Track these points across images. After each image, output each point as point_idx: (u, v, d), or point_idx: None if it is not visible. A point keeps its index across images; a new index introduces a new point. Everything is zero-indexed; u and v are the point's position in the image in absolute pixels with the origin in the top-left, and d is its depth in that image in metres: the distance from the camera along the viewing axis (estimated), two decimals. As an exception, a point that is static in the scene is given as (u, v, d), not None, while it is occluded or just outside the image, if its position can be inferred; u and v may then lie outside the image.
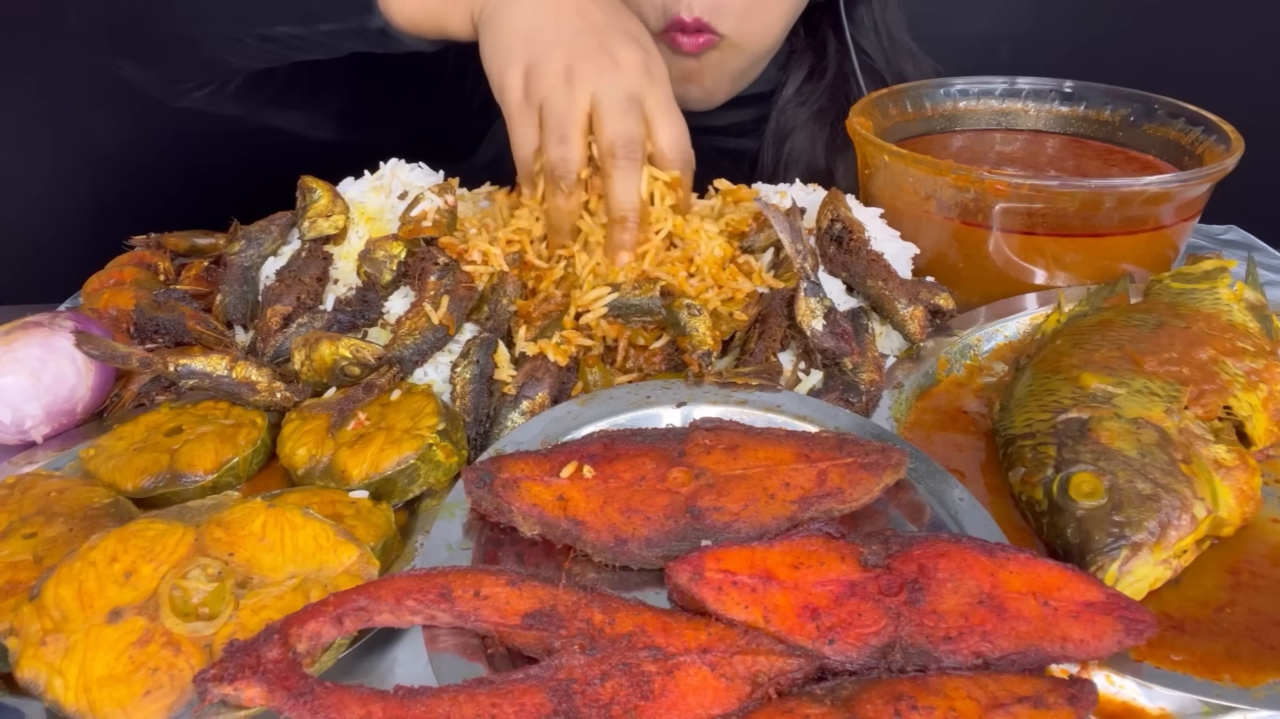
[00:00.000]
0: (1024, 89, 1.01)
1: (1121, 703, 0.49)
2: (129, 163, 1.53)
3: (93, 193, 1.56)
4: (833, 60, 1.14)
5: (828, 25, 1.14)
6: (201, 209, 1.03)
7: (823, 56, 1.15)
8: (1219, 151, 0.84)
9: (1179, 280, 0.78)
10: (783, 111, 1.15)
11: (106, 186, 1.54)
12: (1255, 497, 0.59)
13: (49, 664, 0.48)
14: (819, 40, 1.15)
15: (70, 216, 1.55)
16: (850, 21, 1.11)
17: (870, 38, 1.13)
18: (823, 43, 1.15)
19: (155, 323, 0.78)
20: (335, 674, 0.50)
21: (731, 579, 0.50)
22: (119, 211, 1.20)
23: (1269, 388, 0.66)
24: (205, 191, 1.29)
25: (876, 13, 1.13)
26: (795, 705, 0.44)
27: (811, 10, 1.10)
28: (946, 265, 0.86)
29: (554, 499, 0.55)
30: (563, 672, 0.45)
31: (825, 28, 1.14)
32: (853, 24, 1.11)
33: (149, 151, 1.51)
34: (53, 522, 0.59)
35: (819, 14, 1.13)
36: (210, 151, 1.44)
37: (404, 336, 0.72)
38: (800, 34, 1.15)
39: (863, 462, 0.57)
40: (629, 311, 0.73)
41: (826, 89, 1.14)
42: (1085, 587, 0.49)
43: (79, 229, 1.29)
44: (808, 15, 1.11)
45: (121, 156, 1.54)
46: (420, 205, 0.81)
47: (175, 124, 1.23)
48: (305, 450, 0.65)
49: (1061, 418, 0.62)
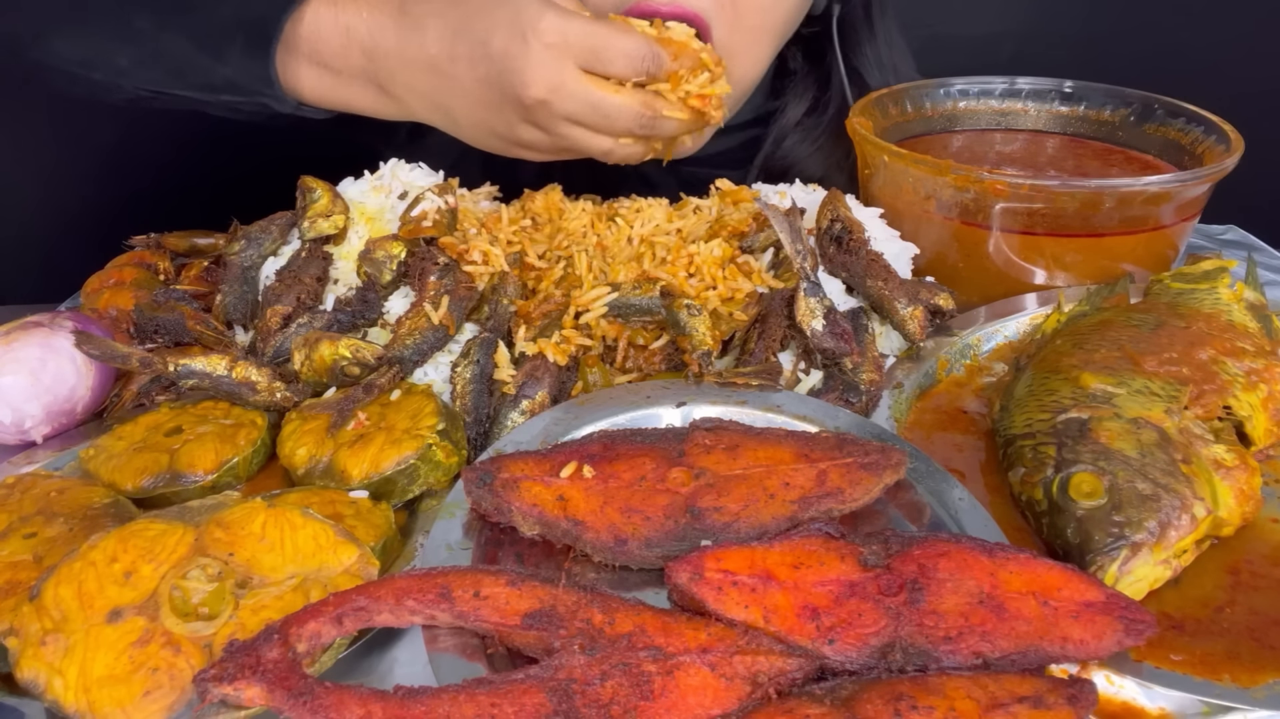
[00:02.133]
0: (1024, 89, 1.01)
1: (1121, 703, 0.49)
2: (129, 163, 1.53)
3: (93, 192, 1.56)
4: (837, 93, 1.07)
5: (833, 55, 1.07)
6: (201, 209, 1.03)
7: (826, 88, 1.08)
8: (1219, 151, 0.84)
9: (1179, 280, 0.78)
10: (780, 144, 1.08)
11: (106, 186, 1.54)
12: (1255, 496, 0.59)
13: (49, 664, 0.48)
14: (824, 69, 1.09)
15: (70, 216, 1.55)
16: (855, 57, 1.06)
17: (874, 74, 1.07)
18: (827, 72, 1.08)
19: (155, 323, 0.78)
20: (335, 674, 0.50)
21: (731, 579, 0.50)
22: (119, 211, 1.20)
23: (1269, 388, 0.66)
24: (205, 191, 1.29)
25: (881, 49, 1.08)
26: (795, 705, 0.44)
27: (814, 37, 1.05)
28: (946, 265, 0.86)
29: (554, 499, 0.55)
30: (562, 672, 0.45)
31: (831, 57, 1.07)
32: (856, 60, 1.06)
33: (149, 151, 1.51)
34: (53, 522, 0.59)
35: (823, 41, 1.07)
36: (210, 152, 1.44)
37: (404, 337, 0.72)
38: (800, 59, 1.09)
39: (863, 462, 0.57)
40: (629, 311, 0.73)
41: (830, 126, 1.07)
42: (1085, 587, 0.49)
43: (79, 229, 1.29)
44: (809, 43, 1.06)
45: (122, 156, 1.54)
46: (421, 205, 0.81)
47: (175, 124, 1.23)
48: (305, 450, 0.65)
49: (1061, 418, 0.62)
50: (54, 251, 1.26)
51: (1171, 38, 1.76)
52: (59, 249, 1.22)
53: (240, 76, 0.81)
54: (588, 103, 0.74)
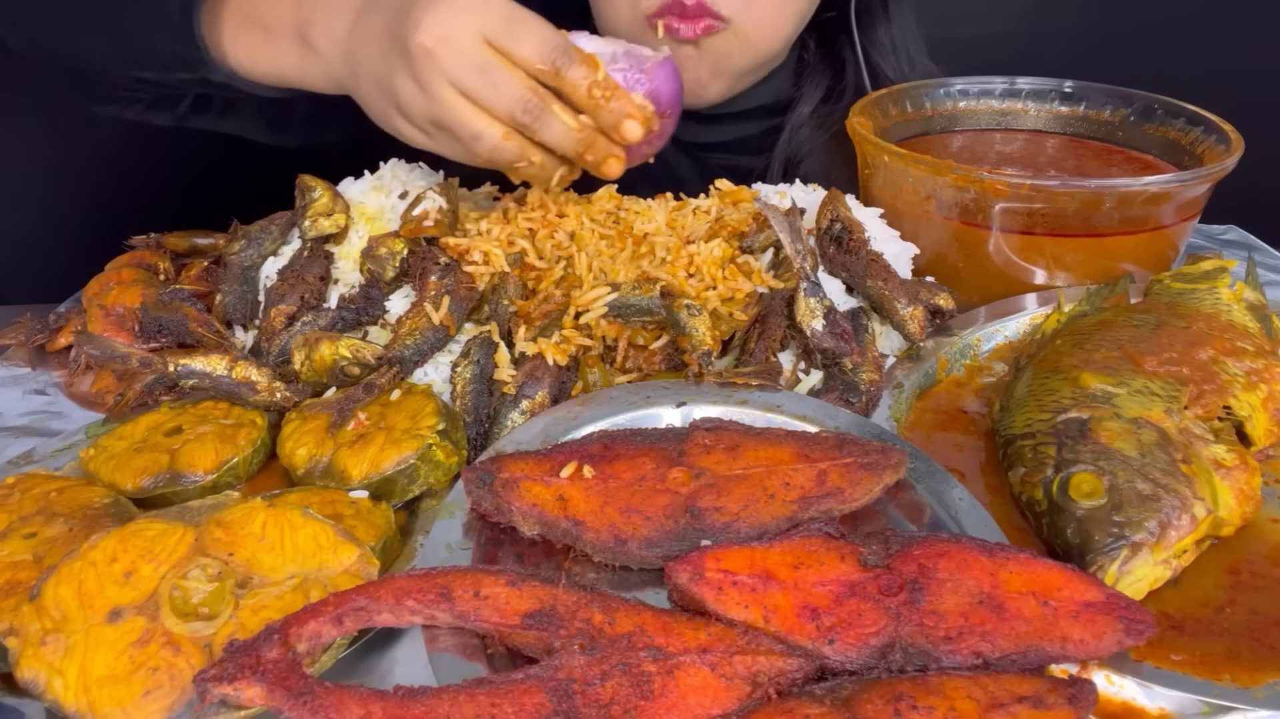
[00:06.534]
0: (1024, 89, 1.01)
1: (1121, 703, 0.49)
2: (129, 162, 1.53)
3: (92, 192, 1.55)
4: (851, 82, 1.06)
5: (847, 44, 1.07)
6: (201, 209, 1.03)
7: (841, 76, 1.08)
8: (1219, 151, 0.84)
9: (1179, 280, 0.78)
10: (796, 131, 1.08)
11: (106, 186, 1.54)
12: (1255, 496, 0.59)
13: (49, 664, 0.48)
14: (837, 57, 1.08)
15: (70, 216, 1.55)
16: (869, 43, 1.05)
17: (889, 60, 1.07)
18: (841, 61, 1.08)
19: (159, 323, 0.78)
20: (335, 674, 0.50)
21: (731, 579, 0.50)
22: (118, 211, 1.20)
23: (1269, 388, 0.66)
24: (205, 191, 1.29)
25: (895, 34, 1.07)
26: (795, 705, 0.44)
27: (828, 25, 1.04)
28: (946, 265, 0.86)
29: (554, 499, 0.55)
30: (562, 671, 0.45)
31: (844, 46, 1.07)
32: (871, 45, 1.06)
33: (149, 151, 1.51)
34: (53, 522, 0.59)
35: (836, 30, 1.06)
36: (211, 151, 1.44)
37: (404, 337, 0.72)
38: (813, 48, 1.09)
39: (862, 462, 0.57)
40: (629, 311, 0.73)
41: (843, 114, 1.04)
42: (1085, 587, 0.49)
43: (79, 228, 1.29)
44: (823, 29, 1.05)
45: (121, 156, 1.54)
46: (421, 205, 0.81)
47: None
48: (305, 450, 0.65)
49: (1061, 418, 0.62)
50: (53, 251, 1.26)
51: (1171, 38, 1.76)
52: (58, 249, 1.22)
53: (179, 46, 0.80)
54: (476, 63, 0.67)
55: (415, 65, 0.68)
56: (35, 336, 0.87)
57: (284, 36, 0.79)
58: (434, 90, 0.68)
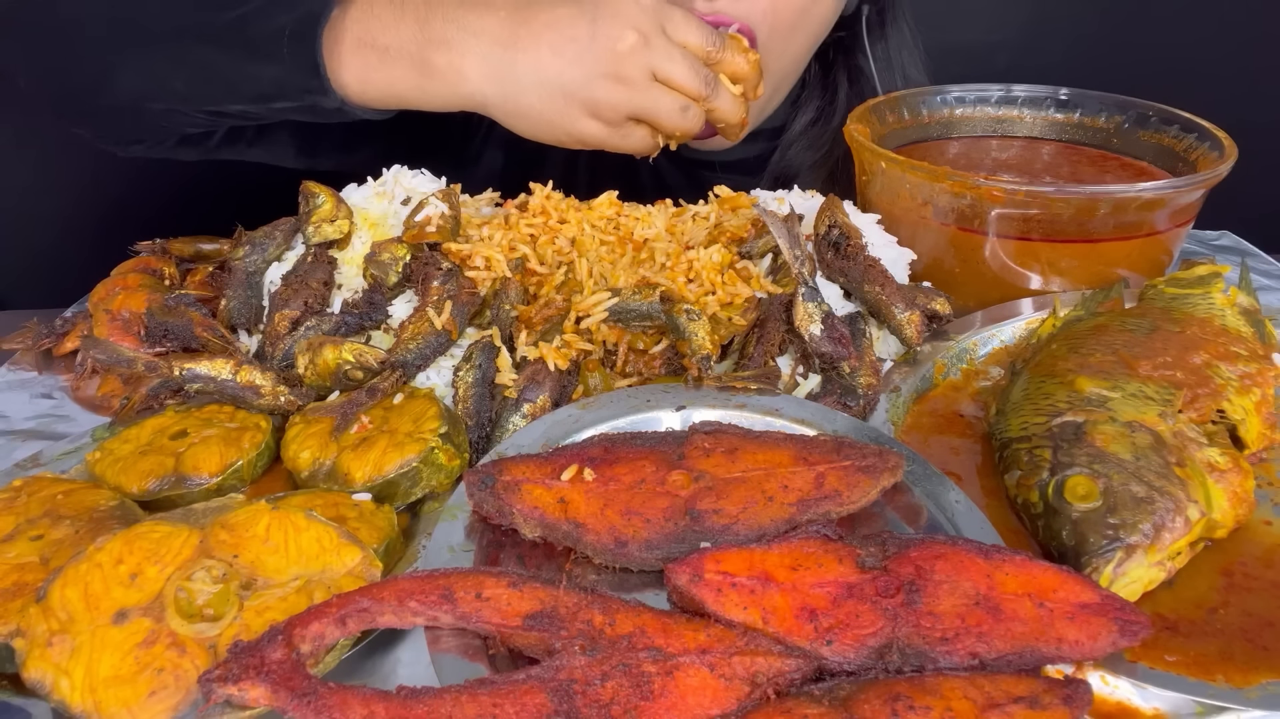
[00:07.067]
0: (1020, 96, 1.02)
1: (1116, 703, 0.49)
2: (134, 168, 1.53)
3: (97, 197, 1.56)
4: (842, 105, 1.09)
5: (841, 66, 1.09)
6: (206, 214, 1.03)
7: (833, 99, 1.10)
8: (1212, 158, 0.85)
9: (1173, 285, 0.79)
10: (785, 151, 1.10)
11: (111, 191, 1.54)
12: (1248, 499, 0.59)
13: (55, 665, 0.49)
14: (831, 80, 1.10)
15: (75, 221, 1.56)
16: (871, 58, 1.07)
17: (885, 77, 1.08)
18: (835, 84, 1.10)
19: (165, 327, 0.78)
20: (338, 675, 0.50)
21: (730, 581, 0.50)
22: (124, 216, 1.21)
23: (1261, 391, 0.66)
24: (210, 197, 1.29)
25: (893, 50, 1.09)
26: (793, 706, 0.45)
27: (827, 48, 1.05)
28: (943, 270, 0.86)
29: (555, 502, 0.56)
30: (563, 672, 0.46)
31: (839, 68, 1.09)
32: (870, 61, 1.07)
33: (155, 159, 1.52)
34: (59, 524, 0.59)
35: (833, 51, 1.08)
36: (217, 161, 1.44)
37: (407, 341, 0.72)
38: (813, 69, 1.10)
39: (860, 465, 0.58)
40: (629, 316, 0.73)
41: (833, 136, 1.08)
42: (1080, 588, 0.50)
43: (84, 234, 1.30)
44: (823, 53, 1.06)
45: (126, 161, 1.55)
46: (424, 211, 0.82)
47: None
48: (309, 453, 0.65)
49: (1057, 421, 0.63)
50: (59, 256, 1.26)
51: (1166, 45, 1.77)
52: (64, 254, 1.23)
53: (289, 74, 0.80)
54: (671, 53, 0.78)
55: (623, 65, 0.77)
56: (42, 341, 0.87)
57: (402, 58, 0.80)
58: (639, 82, 0.78)
